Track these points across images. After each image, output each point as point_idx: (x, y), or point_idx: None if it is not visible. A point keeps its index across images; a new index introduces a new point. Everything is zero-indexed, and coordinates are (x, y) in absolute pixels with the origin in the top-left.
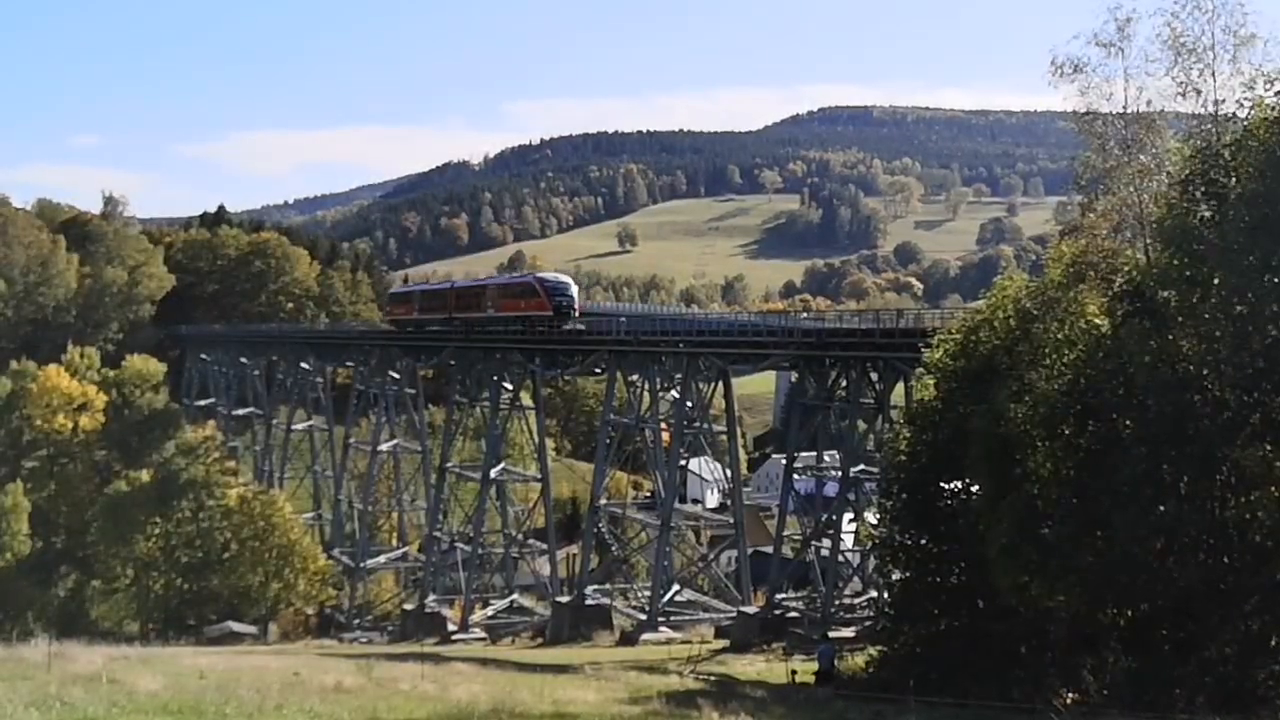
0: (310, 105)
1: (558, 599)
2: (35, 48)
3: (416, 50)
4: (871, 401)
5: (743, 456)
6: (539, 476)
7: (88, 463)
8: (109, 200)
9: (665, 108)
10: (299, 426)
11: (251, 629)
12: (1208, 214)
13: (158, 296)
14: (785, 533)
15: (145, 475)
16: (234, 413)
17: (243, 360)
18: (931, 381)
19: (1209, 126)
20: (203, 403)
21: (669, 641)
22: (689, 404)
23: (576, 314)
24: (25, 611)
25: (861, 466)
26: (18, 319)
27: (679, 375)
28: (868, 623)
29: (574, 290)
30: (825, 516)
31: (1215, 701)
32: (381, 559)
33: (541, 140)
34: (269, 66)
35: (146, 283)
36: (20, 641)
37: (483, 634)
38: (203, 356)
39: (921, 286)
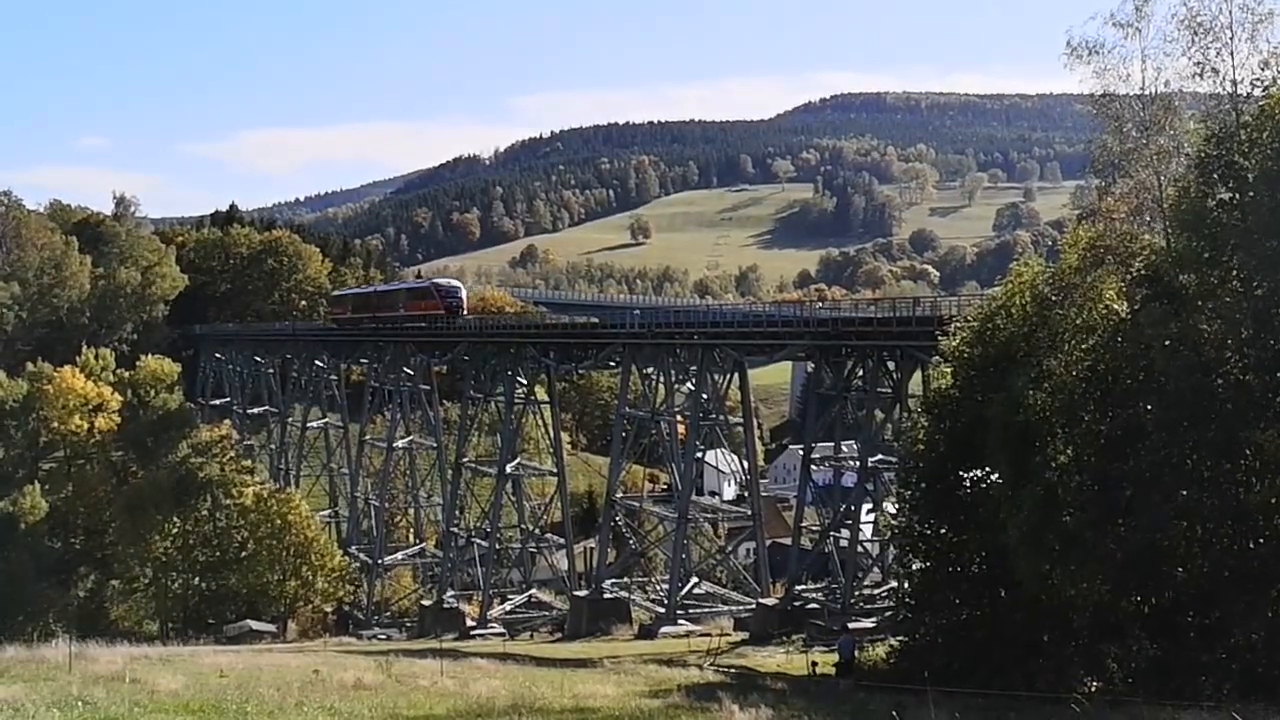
0: (318, 103)
1: (576, 593)
2: (42, 50)
3: (422, 45)
4: (889, 391)
5: (759, 448)
6: (555, 471)
7: (104, 463)
8: (120, 201)
9: (674, 98)
10: (314, 424)
11: (270, 627)
12: (1226, 196)
13: (171, 297)
14: (803, 524)
15: (162, 475)
16: (249, 411)
17: (257, 359)
18: (949, 370)
19: (1227, 107)
20: (217, 402)
21: (688, 634)
22: (704, 396)
23: (465, 313)
24: (46, 612)
25: (879, 456)
26: (32, 321)
27: (694, 367)
28: (888, 613)
29: (463, 293)
30: (844, 507)
31: (1242, 688)
32: (399, 555)
33: (552, 133)
34: (275, 65)
35: (159, 283)
36: (41, 642)
37: (501, 629)
38: (217, 356)
39: (938, 274)
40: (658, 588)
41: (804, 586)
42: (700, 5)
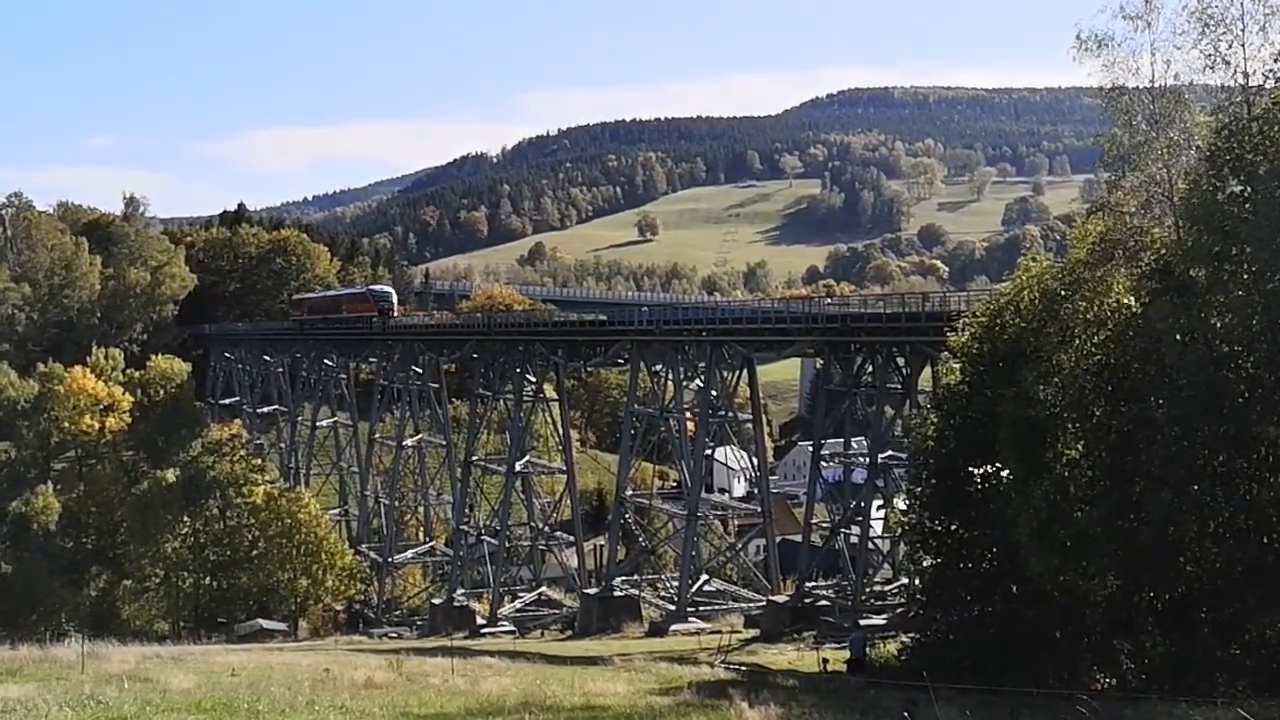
0: (325, 102)
1: (586, 591)
2: (49, 51)
3: (428, 44)
4: (898, 386)
5: (769, 444)
6: (564, 468)
7: (115, 463)
8: (130, 201)
9: (680, 95)
10: (324, 423)
11: (281, 626)
12: (1237, 189)
13: (180, 296)
14: (813, 520)
15: (172, 475)
16: (259, 410)
17: (266, 358)
18: (958, 365)
19: (1238, 99)
20: (227, 401)
21: (698, 632)
22: (713, 393)
23: (395, 314)
24: (58, 612)
25: (889, 452)
26: (43, 322)
27: (703, 364)
28: (899, 610)
29: (394, 298)
30: (854, 504)
31: (1257, 685)
32: (409, 554)
33: (559, 131)
34: (282, 64)
35: (169, 283)
36: (54, 642)
37: (511, 627)
38: (226, 355)
39: (946, 269)
40: (668, 585)
41: (814, 583)
42: (706, 1)
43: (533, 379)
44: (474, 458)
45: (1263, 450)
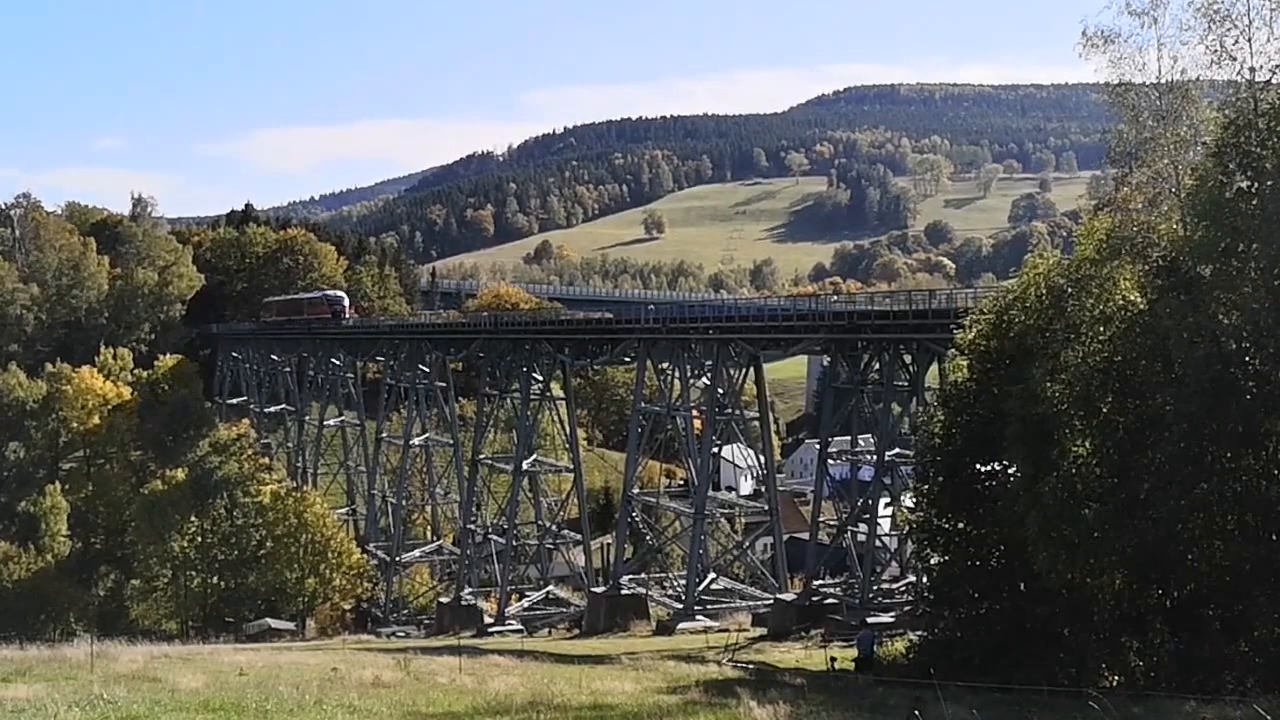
0: (331, 101)
1: (593, 589)
2: (56, 52)
3: (433, 43)
4: (905, 384)
5: (776, 442)
6: (571, 467)
7: (123, 463)
8: (138, 201)
9: (686, 92)
10: (331, 422)
11: (289, 625)
12: (1244, 185)
13: (188, 296)
14: (821, 518)
15: (180, 474)
16: (266, 410)
17: (273, 357)
18: (965, 363)
19: (1245, 95)
20: (235, 400)
21: (706, 630)
22: (720, 391)
23: (347, 316)
24: (66, 612)
25: (897, 450)
26: (51, 322)
27: (709, 362)
28: (907, 608)
29: (345, 302)
30: (861, 501)
31: (1266, 682)
32: (416, 553)
33: (565, 129)
34: (288, 64)
35: (176, 283)
36: (63, 642)
37: (519, 626)
38: (234, 354)
39: (953, 266)
40: (675, 583)
41: (822, 581)
42: None
43: (539, 377)
44: (481, 456)
45: (1270, 447)
